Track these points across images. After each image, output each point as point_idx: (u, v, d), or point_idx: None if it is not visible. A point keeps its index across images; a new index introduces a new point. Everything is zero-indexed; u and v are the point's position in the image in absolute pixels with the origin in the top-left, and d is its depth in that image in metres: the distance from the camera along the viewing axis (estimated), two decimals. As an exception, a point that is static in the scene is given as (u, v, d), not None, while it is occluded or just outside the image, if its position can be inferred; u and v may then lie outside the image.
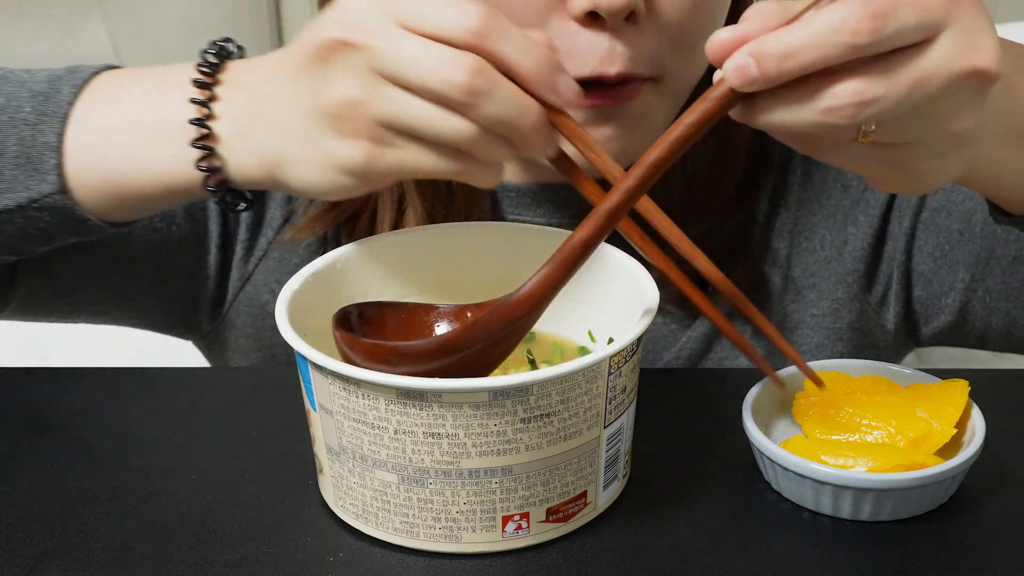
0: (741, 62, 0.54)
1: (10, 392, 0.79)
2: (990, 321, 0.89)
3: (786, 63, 0.53)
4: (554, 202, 0.90)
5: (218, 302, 0.93)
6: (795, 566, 0.62)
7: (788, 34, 0.53)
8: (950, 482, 0.65)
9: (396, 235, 0.75)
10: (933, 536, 0.64)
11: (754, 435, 0.66)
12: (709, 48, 0.56)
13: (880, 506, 0.64)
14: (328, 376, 0.61)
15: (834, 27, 0.53)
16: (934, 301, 0.90)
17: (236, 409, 0.77)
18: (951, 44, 0.55)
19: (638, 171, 0.59)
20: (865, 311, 0.91)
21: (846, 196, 0.91)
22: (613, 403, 0.63)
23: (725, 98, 0.56)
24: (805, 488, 0.65)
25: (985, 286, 0.88)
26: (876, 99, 0.54)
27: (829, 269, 0.90)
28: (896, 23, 0.53)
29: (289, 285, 0.68)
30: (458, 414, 0.59)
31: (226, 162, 0.66)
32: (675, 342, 0.89)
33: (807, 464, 0.64)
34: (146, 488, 0.68)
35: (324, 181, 0.63)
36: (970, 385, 0.69)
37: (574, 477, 0.63)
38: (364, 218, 0.90)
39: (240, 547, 0.63)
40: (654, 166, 0.58)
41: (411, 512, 0.62)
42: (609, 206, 0.60)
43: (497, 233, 0.75)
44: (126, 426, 0.74)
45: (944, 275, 0.89)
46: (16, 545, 0.64)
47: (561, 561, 0.62)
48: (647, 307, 0.65)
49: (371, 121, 0.60)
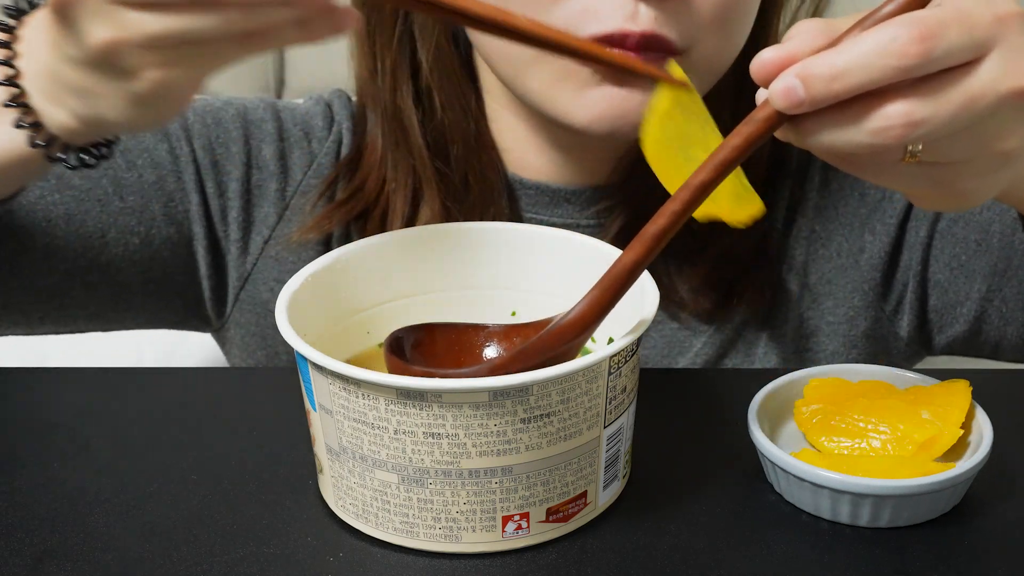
0: (788, 84, 0.53)
1: (10, 392, 0.79)
2: (1005, 331, 0.89)
3: (833, 85, 0.52)
4: (573, 203, 0.90)
5: (220, 301, 0.93)
6: (795, 567, 0.62)
7: (835, 56, 0.53)
8: (964, 485, 0.65)
9: (397, 235, 0.75)
10: (934, 538, 0.64)
11: (761, 443, 0.66)
12: (754, 68, 0.55)
13: (898, 512, 0.63)
14: (328, 376, 0.61)
15: (882, 49, 0.52)
16: (949, 311, 0.90)
17: (236, 409, 0.77)
18: (999, 64, 0.54)
19: (684, 194, 0.58)
20: (880, 319, 0.91)
21: (863, 204, 0.91)
22: (613, 403, 0.63)
23: (770, 120, 0.55)
24: (821, 497, 0.64)
25: (1002, 296, 0.88)
26: (924, 120, 0.53)
27: (846, 276, 0.90)
28: (945, 44, 0.52)
29: (289, 285, 0.68)
30: (458, 414, 0.59)
31: (44, 119, 0.63)
32: (690, 348, 0.89)
33: (820, 472, 0.63)
34: (146, 488, 0.68)
35: (138, 117, 0.60)
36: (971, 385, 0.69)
37: (574, 477, 0.63)
38: (376, 215, 0.89)
39: (240, 547, 0.63)
40: (699, 189, 0.57)
41: (411, 512, 0.62)
42: (656, 229, 0.59)
43: (498, 233, 0.75)
44: (126, 426, 0.74)
45: (960, 285, 0.89)
46: (16, 545, 0.64)
47: (561, 561, 0.62)
48: (648, 307, 0.65)
49: (141, 50, 0.57)
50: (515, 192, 0.90)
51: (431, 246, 0.74)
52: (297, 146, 0.93)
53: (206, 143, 0.90)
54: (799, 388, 0.71)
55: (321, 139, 0.93)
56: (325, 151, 0.93)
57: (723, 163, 0.57)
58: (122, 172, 0.88)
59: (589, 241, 0.72)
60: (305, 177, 0.92)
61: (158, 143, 0.89)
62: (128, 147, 0.89)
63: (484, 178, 0.89)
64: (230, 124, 0.92)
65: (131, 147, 0.89)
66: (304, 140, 0.93)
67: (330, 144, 0.93)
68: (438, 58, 0.88)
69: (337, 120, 0.94)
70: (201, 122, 0.91)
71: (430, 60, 0.88)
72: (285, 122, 0.93)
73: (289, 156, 0.92)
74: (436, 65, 0.88)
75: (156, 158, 0.89)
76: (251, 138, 0.92)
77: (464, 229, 0.75)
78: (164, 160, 0.89)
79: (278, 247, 0.91)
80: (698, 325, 0.89)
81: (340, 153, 0.93)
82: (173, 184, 0.89)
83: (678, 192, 0.58)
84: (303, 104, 0.96)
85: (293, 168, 0.92)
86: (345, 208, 0.89)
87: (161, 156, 0.89)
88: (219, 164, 0.90)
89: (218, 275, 0.92)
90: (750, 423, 0.67)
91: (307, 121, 0.94)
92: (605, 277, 0.61)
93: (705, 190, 0.57)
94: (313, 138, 0.93)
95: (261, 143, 0.92)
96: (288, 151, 0.92)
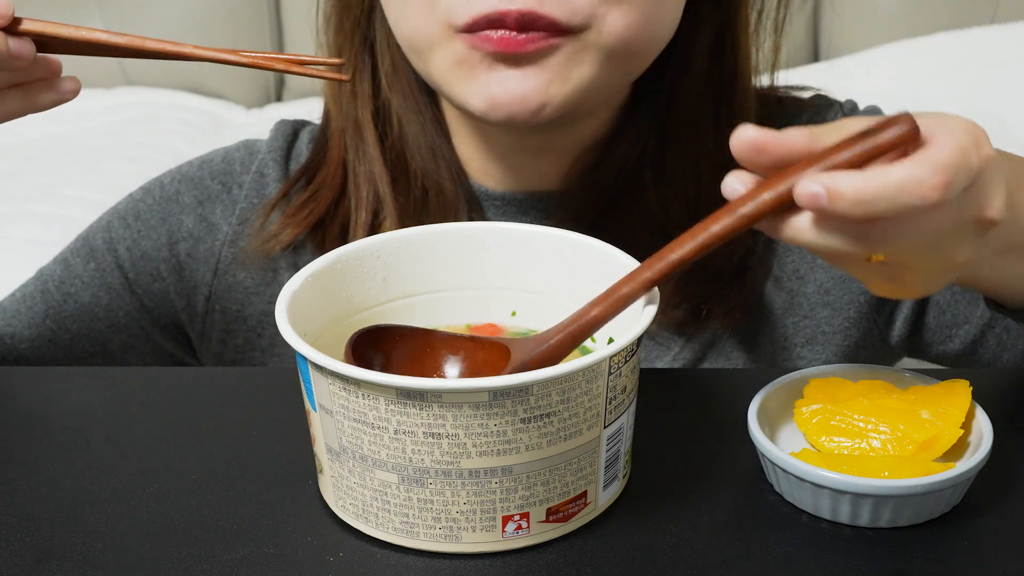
0: (816, 191, 0.55)
1: (10, 392, 0.79)
2: (1000, 356, 0.89)
3: (855, 209, 0.54)
4: (540, 209, 0.90)
5: (198, 351, 0.96)
6: (795, 567, 0.62)
7: (864, 183, 0.54)
8: (964, 485, 0.65)
9: (397, 235, 0.75)
10: (934, 538, 0.64)
11: (761, 443, 0.66)
12: (735, 143, 0.57)
13: (899, 512, 0.63)
14: (328, 376, 0.61)
15: (908, 189, 0.54)
16: (945, 330, 0.90)
17: (236, 409, 0.77)
18: (973, 196, 0.57)
19: (660, 265, 0.60)
20: (872, 330, 0.91)
21: None
22: (613, 403, 0.63)
23: (764, 206, 0.57)
24: (821, 497, 0.64)
25: (1004, 324, 0.88)
26: (899, 237, 0.56)
27: (843, 288, 0.90)
28: (955, 188, 0.55)
29: (289, 285, 0.68)
30: (458, 414, 0.59)
31: None
32: (668, 352, 0.89)
33: (821, 472, 0.63)
34: (146, 488, 0.68)
35: None
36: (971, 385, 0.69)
37: (574, 477, 0.63)
38: (335, 228, 0.90)
39: (240, 547, 0.63)
40: (675, 265, 0.60)
41: (411, 512, 0.62)
42: (628, 291, 0.62)
43: (498, 233, 0.75)
44: (126, 426, 0.74)
45: (961, 308, 0.89)
46: (16, 545, 0.64)
47: (561, 561, 0.62)
48: (648, 307, 0.65)
49: None
50: (481, 203, 0.90)
51: (431, 246, 0.74)
52: (218, 201, 0.94)
53: (131, 244, 0.93)
54: (799, 388, 0.70)
55: (241, 183, 0.94)
56: (245, 194, 0.94)
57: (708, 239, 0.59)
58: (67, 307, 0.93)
59: (589, 241, 0.72)
60: (231, 225, 0.93)
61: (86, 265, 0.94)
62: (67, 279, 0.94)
63: (441, 191, 0.89)
64: (148, 213, 0.94)
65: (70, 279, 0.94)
66: (224, 192, 0.94)
67: (252, 178, 0.94)
68: (394, 73, 0.89)
69: (259, 152, 0.95)
70: (123, 225, 0.94)
71: (388, 76, 0.89)
72: (204, 183, 0.94)
73: (212, 215, 0.94)
74: (393, 81, 0.89)
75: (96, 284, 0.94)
76: (169, 216, 0.94)
77: (464, 229, 0.75)
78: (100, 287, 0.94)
79: (228, 293, 0.93)
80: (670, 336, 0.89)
81: (264, 182, 0.94)
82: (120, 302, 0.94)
83: (652, 261, 0.61)
84: (225, 150, 0.97)
85: (218, 223, 0.93)
86: (300, 216, 0.90)
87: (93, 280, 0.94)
88: (147, 257, 0.94)
89: (186, 340, 0.96)
90: (750, 423, 0.67)
91: (225, 169, 0.95)
92: (572, 326, 0.63)
93: (678, 266, 0.60)
94: (232, 185, 0.94)
95: (181, 215, 0.94)
96: (209, 212, 0.94)
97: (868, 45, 2.14)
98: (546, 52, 0.77)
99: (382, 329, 0.68)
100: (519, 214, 0.90)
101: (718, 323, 0.88)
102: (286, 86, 2.27)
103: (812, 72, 2.03)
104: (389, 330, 0.68)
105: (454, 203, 0.89)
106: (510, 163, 0.89)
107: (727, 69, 0.88)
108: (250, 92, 2.21)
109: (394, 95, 0.89)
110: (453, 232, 0.75)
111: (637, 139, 0.88)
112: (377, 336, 0.67)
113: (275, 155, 0.94)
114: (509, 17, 0.75)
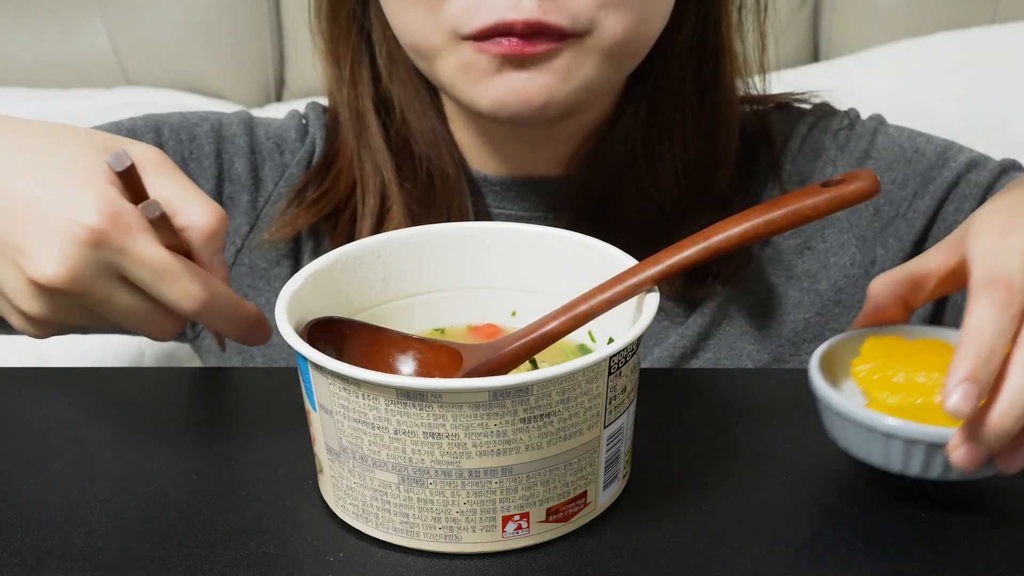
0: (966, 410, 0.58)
1: (10, 392, 0.79)
2: None
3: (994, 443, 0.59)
4: (538, 194, 0.91)
5: None
6: (795, 567, 0.62)
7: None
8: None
9: (397, 235, 0.75)
10: (934, 537, 0.64)
11: (827, 395, 0.65)
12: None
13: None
14: (328, 376, 0.61)
15: None
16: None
17: (236, 409, 0.77)
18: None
19: (616, 287, 0.66)
20: None
21: (877, 219, 0.92)
22: (613, 403, 0.63)
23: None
24: (894, 447, 0.63)
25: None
26: None
27: (856, 286, 0.91)
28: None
29: (289, 285, 0.68)
30: (458, 414, 0.59)
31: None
32: (667, 338, 0.90)
33: (894, 422, 0.62)
34: (146, 488, 0.68)
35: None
36: None
37: (574, 477, 0.63)
38: (346, 215, 0.91)
39: (240, 547, 0.63)
40: (634, 286, 0.65)
41: (411, 512, 0.62)
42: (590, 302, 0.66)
43: (498, 233, 0.75)
44: (126, 426, 0.74)
45: None
46: (16, 545, 0.64)
47: (561, 561, 0.62)
48: (647, 306, 0.65)
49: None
50: (480, 188, 0.92)
51: (431, 246, 0.74)
52: (269, 158, 0.95)
53: (179, 159, 0.93)
54: (855, 347, 0.70)
55: (294, 150, 0.96)
56: (297, 161, 0.96)
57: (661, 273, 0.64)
58: None
59: (589, 241, 0.72)
60: (276, 187, 0.95)
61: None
62: None
63: (445, 175, 0.91)
64: (203, 140, 0.94)
65: None
66: (276, 152, 0.96)
67: (302, 154, 0.96)
68: (393, 63, 0.91)
69: (311, 131, 0.97)
70: (175, 138, 0.94)
71: (387, 66, 0.91)
72: (258, 136, 0.96)
73: (261, 168, 0.95)
74: (392, 70, 0.91)
75: None
76: (223, 152, 0.95)
77: (464, 229, 0.75)
78: None
79: (251, 256, 0.93)
80: (676, 316, 0.90)
81: (312, 162, 0.96)
82: None
83: (619, 279, 0.65)
84: (279, 119, 0.99)
85: (265, 179, 0.95)
86: (316, 208, 0.92)
87: None
88: (191, 178, 0.92)
89: None
90: (813, 377, 0.66)
91: (280, 135, 0.97)
92: (528, 337, 0.66)
93: (634, 293, 0.64)
94: (285, 150, 0.96)
95: (233, 157, 0.95)
96: (260, 163, 0.95)
97: (868, 45, 2.14)
98: (551, 55, 0.79)
99: (334, 321, 0.69)
100: (518, 199, 0.92)
101: (725, 284, 0.89)
102: (286, 86, 2.27)
103: (812, 72, 2.03)
104: (340, 323, 0.69)
105: (457, 188, 0.91)
106: (507, 152, 0.92)
107: (709, 47, 0.91)
108: (250, 92, 2.21)
109: (394, 83, 0.91)
110: (453, 232, 0.75)
111: (630, 122, 0.90)
112: (329, 328, 0.68)
113: (323, 135, 0.96)
114: (516, 26, 0.78)
